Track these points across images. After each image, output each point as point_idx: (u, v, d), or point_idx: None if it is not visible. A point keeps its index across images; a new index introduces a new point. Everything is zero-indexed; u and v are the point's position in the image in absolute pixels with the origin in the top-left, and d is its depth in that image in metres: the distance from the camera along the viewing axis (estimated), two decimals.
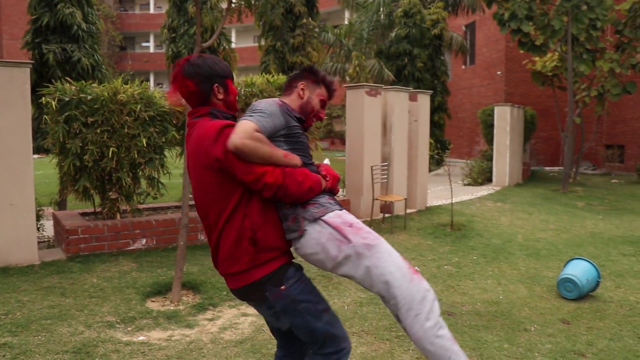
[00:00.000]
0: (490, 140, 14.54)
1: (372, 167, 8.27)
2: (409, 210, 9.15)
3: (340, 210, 2.45)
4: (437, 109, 19.00)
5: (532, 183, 15.17)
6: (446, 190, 11.31)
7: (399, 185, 9.13)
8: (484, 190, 12.65)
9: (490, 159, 14.38)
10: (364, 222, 8.23)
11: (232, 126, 2.25)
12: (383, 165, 8.71)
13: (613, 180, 17.28)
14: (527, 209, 10.27)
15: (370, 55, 20.18)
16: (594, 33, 13.74)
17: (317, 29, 11.12)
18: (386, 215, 8.67)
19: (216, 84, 2.38)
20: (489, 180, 14.15)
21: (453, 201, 9.38)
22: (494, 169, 13.86)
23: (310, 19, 10.96)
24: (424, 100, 9.82)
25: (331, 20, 36.05)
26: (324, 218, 2.35)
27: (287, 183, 2.27)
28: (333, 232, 2.35)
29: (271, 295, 2.35)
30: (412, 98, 9.56)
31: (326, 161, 21.37)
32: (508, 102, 18.57)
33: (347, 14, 31.81)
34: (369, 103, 8.59)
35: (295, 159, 2.35)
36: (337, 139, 35.30)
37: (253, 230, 2.29)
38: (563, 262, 5.88)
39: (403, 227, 8.18)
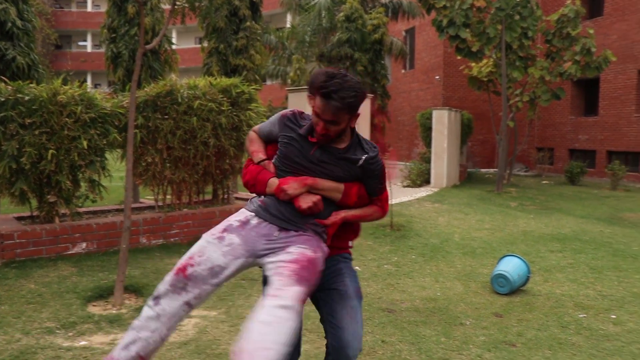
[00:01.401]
0: (428, 143, 14.95)
1: None
2: None
3: (244, 209, 2.64)
4: (377, 113, 19.33)
5: (469, 184, 15.68)
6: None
7: None
8: (422, 192, 13.01)
9: (428, 161, 14.78)
10: None
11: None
12: None
13: (544, 182, 18.05)
14: (463, 210, 10.64)
15: (312, 59, 20.36)
16: (526, 42, 14.36)
17: (260, 32, 11.16)
18: None
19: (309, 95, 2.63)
20: (427, 181, 14.54)
21: (393, 202, 9.58)
22: (432, 171, 14.26)
23: (254, 22, 10.99)
24: (365, 104, 10.03)
25: (274, 22, 36.06)
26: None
27: (242, 172, 2.71)
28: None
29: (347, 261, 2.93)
30: None
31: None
32: (446, 106, 19.13)
33: (289, 17, 31.92)
34: (310, 106, 8.74)
35: (256, 157, 2.67)
36: None
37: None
38: (497, 260, 6.17)
39: None
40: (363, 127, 9.82)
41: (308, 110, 2.64)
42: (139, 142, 6.82)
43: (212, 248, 2.54)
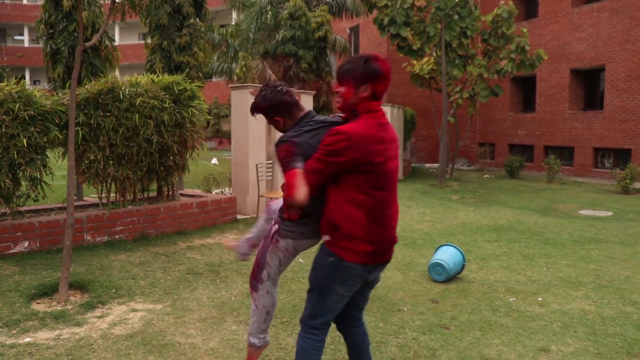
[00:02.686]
0: None
1: (257, 165, 8.53)
2: None
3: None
4: (322, 109, 19.56)
5: (413, 179, 16.09)
6: None
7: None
8: None
9: None
10: (251, 218, 8.45)
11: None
12: (268, 163, 8.98)
13: (485, 175, 18.67)
14: (406, 203, 10.95)
15: (256, 56, 20.42)
16: (465, 40, 14.85)
17: (203, 29, 11.15)
18: None
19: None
20: None
21: None
22: None
23: (198, 19, 10.98)
24: (307, 100, 10.20)
25: (218, 19, 35.83)
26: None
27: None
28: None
29: (320, 252, 2.99)
30: None
31: (214, 160, 21.35)
32: (390, 102, 19.48)
33: (234, 14, 31.80)
34: None
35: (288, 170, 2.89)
36: (225, 138, 35.18)
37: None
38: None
39: None
40: None
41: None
42: (81, 139, 6.79)
43: None
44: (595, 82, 19.77)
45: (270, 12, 21.42)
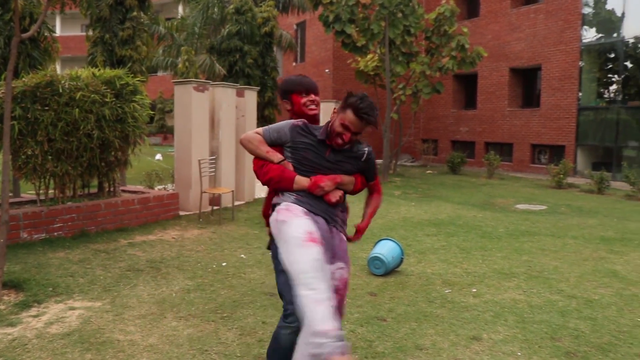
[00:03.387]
0: None
1: (199, 160, 8.50)
2: (237, 202, 9.52)
3: (294, 202, 2.95)
4: (268, 105, 19.57)
5: None
6: None
7: (227, 178, 9.46)
8: None
9: None
10: (193, 214, 8.44)
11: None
12: (211, 159, 8.97)
13: (428, 171, 19.08)
14: (349, 199, 11.08)
15: (202, 51, 20.23)
16: (408, 38, 15.14)
17: (147, 23, 10.99)
18: (215, 207, 8.96)
19: (284, 100, 3.26)
20: None
21: None
22: None
23: (141, 12, 10.80)
24: (251, 96, 10.22)
25: (165, 12, 35.26)
26: (276, 207, 2.97)
27: (257, 172, 3.04)
28: (274, 215, 2.95)
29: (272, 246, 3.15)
30: (240, 94, 9.91)
31: (158, 156, 21.06)
32: (336, 99, 19.67)
33: (180, 8, 31.35)
34: (197, 98, 8.81)
35: (274, 157, 3.00)
36: (170, 134, 34.69)
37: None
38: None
39: (231, 219, 8.54)
40: (250, 119, 10.01)
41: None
42: (17, 134, 6.62)
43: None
44: (532, 80, 20.49)
45: (216, 7, 21.24)
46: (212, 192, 8.54)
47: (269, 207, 3.18)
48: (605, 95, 18.13)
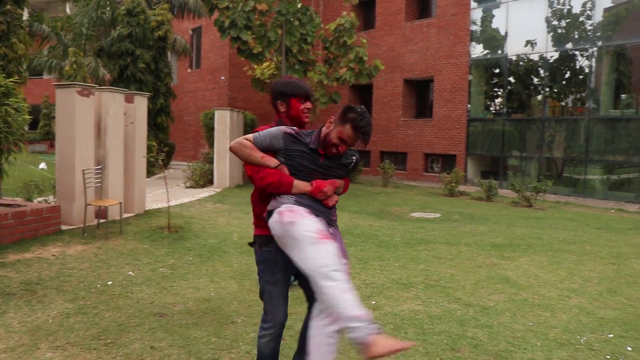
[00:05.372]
0: (212, 143, 14.94)
1: (84, 170, 7.89)
2: (126, 215, 8.96)
3: (295, 205, 3.00)
4: (160, 112, 18.88)
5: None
6: (169, 194, 11.31)
7: (115, 189, 8.85)
8: (205, 192, 12.96)
9: (212, 161, 14.76)
10: (77, 229, 7.83)
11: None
12: (97, 169, 8.37)
13: None
14: (244, 209, 10.81)
15: (90, 53, 19.21)
16: (305, 47, 15.08)
17: (26, 19, 10.16)
18: (101, 220, 8.33)
19: (280, 100, 3.22)
20: (210, 182, 14.52)
21: (173, 204, 9.42)
22: (215, 171, 14.27)
23: (16, 6, 9.94)
24: (141, 102, 9.67)
25: (50, 10, 33.33)
26: (277, 209, 2.98)
27: (252, 177, 3.07)
28: (277, 217, 2.96)
29: (255, 248, 3.28)
30: (129, 99, 9.35)
31: (42, 165, 19.71)
32: (232, 106, 19.29)
33: (68, 7, 29.70)
34: (81, 103, 8.18)
35: (271, 162, 3.04)
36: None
37: (253, 204, 3.27)
38: None
39: (119, 232, 7.97)
40: (140, 126, 9.47)
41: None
42: None
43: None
44: (425, 92, 21.15)
45: (107, 7, 20.24)
46: (98, 204, 7.94)
47: (262, 209, 3.20)
48: (492, 108, 19.01)
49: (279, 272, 3.23)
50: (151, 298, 5.22)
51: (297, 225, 2.84)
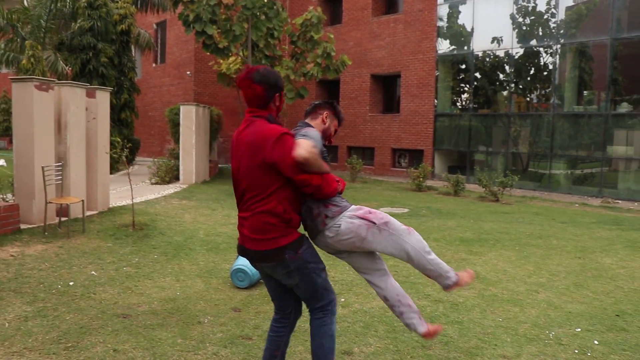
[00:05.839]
0: (178, 139, 14.68)
1: (43, 167, 7.63)
2: (89, 212, 8.71)
3: (351, 205, 3.29)
4: (125, 107, 18.50)
5: (219, 180, 15.79)
6: (134, 190, 11.07)
7: (77, 186, 8.58)
8: (170, 189, 12.71)
9: (177, 157, 14.50)
10: (37, 227, 7.58)
11: (289, 134, 2.92)
12: (57, 166, 8.10)
13: None
14: (211, 205, 10.64)
15: (50, 46, 18.68)
16: (272, 41, 14.91)
17: None
18: (63, 218, 8.06)
19: (277, 94, 3.08)
20: (176, 178, 14.26)
21: (138, 200, 9.21)
22: (181, 167, 14.03)
23: None
24: (103, 97, 9.40)
25: (6, 1, 32.34)
26: (346, 214, 3.18)
27: (323, 185, 3.05)
28: (360, 221, 3.17)
29: (289, 257, 3.02)
30: (90, 94, 9.07)
31: (1, 162, 19.16)
32: (198, 101, 19.01)
33: None
34: (40, 98, 7.89)
35: (328, 168, 3.12)
36: None
37: (286, 211, 2.98)
38: None
39: (82, 231, 7.72)
40: (102, 122, 9.22)
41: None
42: None
43: None
44: (392, 87, 21.18)
45: None
46: (59, 202, 7.69)
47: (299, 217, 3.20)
48: (459, 103, 19.15)
49: (319, 256, 3.26)
50: (115, 298, 5.06)
51: (391, 222, 3.24)
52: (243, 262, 5.48)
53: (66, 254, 6.59)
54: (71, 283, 5.47)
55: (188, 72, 22.63)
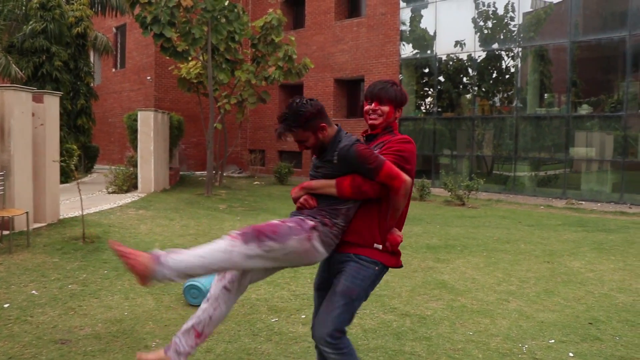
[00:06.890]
0: (136, 146, 14.17)
1: None
2: (36, 225, 8.19)
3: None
4: (81, 113, 17.88)
5: (180, 188, 15.31)
6: (88, 200, 10.57)
7: (22, 197, 8.02)
8: (128, 198, 12.19)
9: (136, 165, 13.99)
10: None
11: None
12: None
13: (255, 182, 18.64)
14: (169, 215, 10.19)
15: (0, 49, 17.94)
16: (233, 45, 14.54)
17: None
18: (5, 232, 7.51)
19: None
20: (135, 187, 13.74)
21: (92, 211, 8.74)
22: (139, 175, 13.50)
23: None
24: (52, 102, 8.88)
25: None
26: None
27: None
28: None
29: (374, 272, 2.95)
30: (37, 99, 8.55)
31: None
32: (158, 107, 18.47)
33: None
34: None
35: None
36: None
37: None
38: None
39: (26, 245, 7.19)
40: (50, 129, 8.71)
41: None
42: None
43: None
44: (356, 91, 20.99)
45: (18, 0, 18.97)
46: (1, 214, 7.17)
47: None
48: (423, 107, 19.05)
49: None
50: (54, 321, 4.62)
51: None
52: (196, 278, 5.11)
53: (5, 271, 6.08)
54: (6, 305, 4.98)
55: (148, 77, 22.07)
